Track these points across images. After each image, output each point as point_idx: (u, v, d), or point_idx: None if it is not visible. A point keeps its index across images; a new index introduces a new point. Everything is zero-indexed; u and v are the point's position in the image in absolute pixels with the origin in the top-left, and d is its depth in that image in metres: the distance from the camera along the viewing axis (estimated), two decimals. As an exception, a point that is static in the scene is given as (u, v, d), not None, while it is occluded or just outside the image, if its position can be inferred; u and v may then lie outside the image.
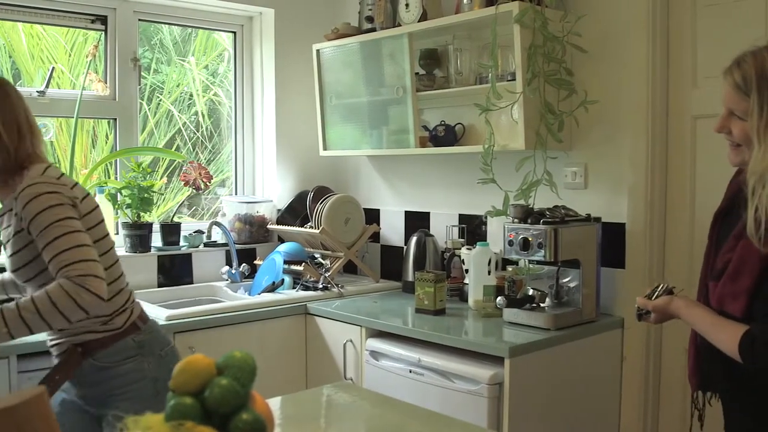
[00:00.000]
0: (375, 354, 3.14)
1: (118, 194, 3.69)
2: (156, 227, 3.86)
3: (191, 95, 4.39)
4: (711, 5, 2.94)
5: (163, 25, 4.22)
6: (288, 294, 3.64)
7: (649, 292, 2.07)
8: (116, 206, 3.68)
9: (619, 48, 3.13)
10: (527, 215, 2.97)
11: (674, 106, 3.07)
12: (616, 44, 3.14)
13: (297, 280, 3.78)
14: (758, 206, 1.72)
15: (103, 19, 3.81)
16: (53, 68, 3.72)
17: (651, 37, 3.04)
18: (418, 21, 3.57)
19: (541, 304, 3.02)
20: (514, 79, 3.15)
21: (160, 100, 4.30)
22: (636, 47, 3.07)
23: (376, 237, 4.21)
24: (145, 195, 3.70)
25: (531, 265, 3.10)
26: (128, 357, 2.22)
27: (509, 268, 3.25)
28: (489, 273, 3.25)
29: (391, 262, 4.15)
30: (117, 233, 3.81)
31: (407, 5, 3.63)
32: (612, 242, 3.13)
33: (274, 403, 2.04)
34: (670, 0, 3.05)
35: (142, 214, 3.73)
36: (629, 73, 3.10)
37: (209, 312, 3.28)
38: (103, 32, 3.83)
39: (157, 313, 3.17)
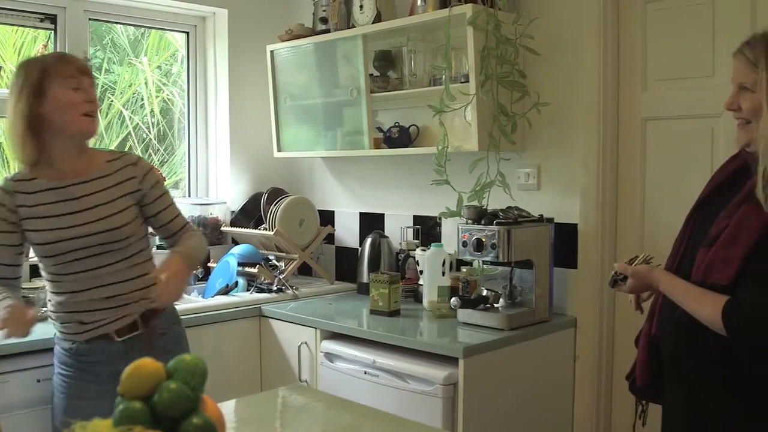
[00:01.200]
0: (330, 356, 3.13)
1: (69, 196, 3.62)
2: (107, 230, 3.79)
3: (144, 96, 4.33)
4: (660, 9, 2.99)
5: (115, 25, 4.17)
6: (242, 296, 3.61)
7: (628, 261, 2.08)
8: (66, 208, 3.62)
9: (571, 51, 3.17)
10: (481, 216, 2.98)
11: (625, 109, 3.11)
12: (568, 47, 3.17)
13: (251, 283, 3.76)
14: (767, 167, 1.76)
15: (52, 18, 3.75)
16: (1, 67, 3.65)
17: (602, 41, 3.08)
18: (372, 22, 3.57)
19: (495, 305, 3.04)
20: (467, 81, 3.17)
21: (112, 101, 4.24)
22: (587, 50, 3.11)
23: (330, 238, 4.20)
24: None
25: (485, 266, 3.12)
26: (174, 321, 2.58)
27: (463, 269, 3.27)
28: (443, 274, 3.27)
29: (345, 264, 4.15)
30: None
31: (361, 7, 3.63)
32: (564, 243, 3.17)
33: (229, 406, 2.03)
34: (620, 4, 3.10)
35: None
36: (581, 75, 3.13)
37: (162, 315, 3.24)
38: (53, 31, 3.77)
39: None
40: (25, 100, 2.26)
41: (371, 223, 4.02)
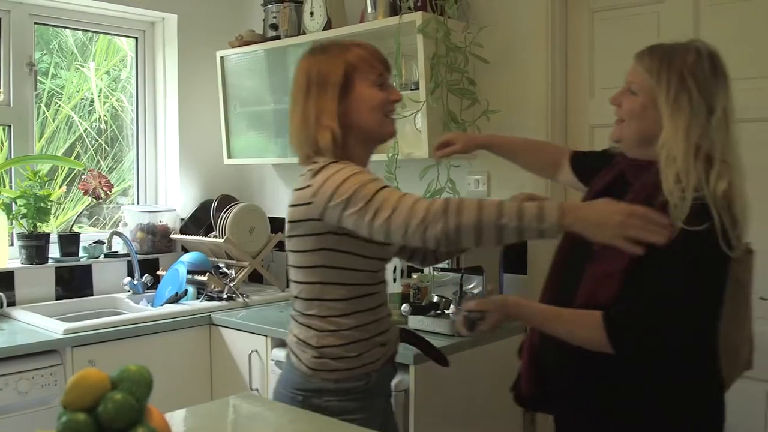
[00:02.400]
0: (281, 363, 3.10)
1: (13, 204, 3.57)
2: (54, 238, 3.74)
3: (92, 101, 4.28)
4: (606, 18, 3.05)
5: (62, 29, 4.10)
6: (192, 305, 3.58)
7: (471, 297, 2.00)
8: (11, 216, 3.56)
9: (519, 59, 3.20)
10: (431, 223, 2.99)
11: (572, 116, 3.16)
12: (516, 55, 3.21)
13: (201, 291, 3.72)
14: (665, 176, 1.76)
15: (-4, 22, 3.69)
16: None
17: (550, 49, 3.12)
18: (323, 29, 3.57)
19: (446, 311, 3.05)
20: (417, 89, 3.19)
21: (59, 106, 4.17)
22: (536, 58, 3.15)
23: (281, 246, 4.17)
24: (42, 204, 3.58)
25: (435, 273, 3.13)
26: None
27: (414, 276, 3.28)
28: (394, 281, 3.27)
29: (297, 271, 4.12)
30: (12, 244, 3.68)
31: (312, 13, 3.63)
32: (514, 249, 3.19)
33: (178, 416, 2.00)
34: (568, 13, 3.15)
35: (38, 224, 3.61)
36: (530, 83, 3.17)
37: (110, 324, 3.20)
38: (-3, 35, 3.71)
39: (55, 327, 3.08)
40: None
41: (322, 230, 4.00)
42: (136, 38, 4.26)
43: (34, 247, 3.60)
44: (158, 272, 3.97)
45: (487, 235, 1.73)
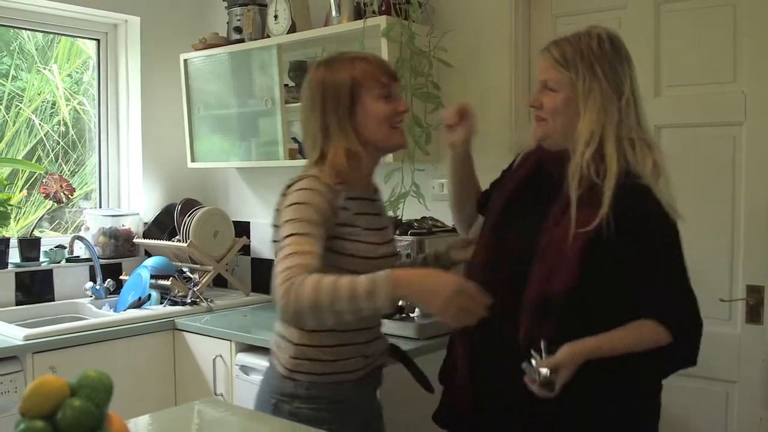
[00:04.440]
0: (245, 368, 3.10)
1: (-28, 208, 3.52)
2: (14, 242, 3.69)
3: (54, 104, 4.23)
4: (569, 24, 3.06)
5: (23, 31, 4.05)
6: (155, 309, 3.55)
7: (536, 355, 1.78)
8: (-30, 220, 3.51)
9: (483, 63, 3.22)
10: (396, 227, 3.00)
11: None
12: (480, 59, 3.23)
13: (164, 295, 3.69)
14: (582, 164, 1.82)
15: (-46, 23, 3.63)
16: None
17: (513, 53, 3.15)
18: (287, 33, 3.56)
19: (410, 315, 3.05)
20: (382, 92, 3.19)
21: (20, 109, 4.12)
22: (499, 62, 3.17)
23: (246, 250, 4.16)
24: (1, 209, 3.54)
25: (400, 276, 3.13)
26: None
27: (379, 279, 3.27)
28: (359, 284, 3.27)
29: (261, 275, 4.11)
30: (-29, 249, 3.62)
31: (276, 17, 3.62)
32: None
33: (142, 422, 1.99)
34: (531, 18, 3.18)
35: (-2, 228, 3.56)
36: (493, 87, 3.19)
37: (71, 330, 3.16)
38: (-45, 37, 3.66)
39: (14, 333, 3.04)
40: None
41: (287, 233, 3.99)
42: (99, 40, 4.22)
43: (-4, 251, 3.55)
44: (121, 277, 3.93)
45: (327, 317, 1.75)
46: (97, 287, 3.80)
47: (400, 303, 3.04)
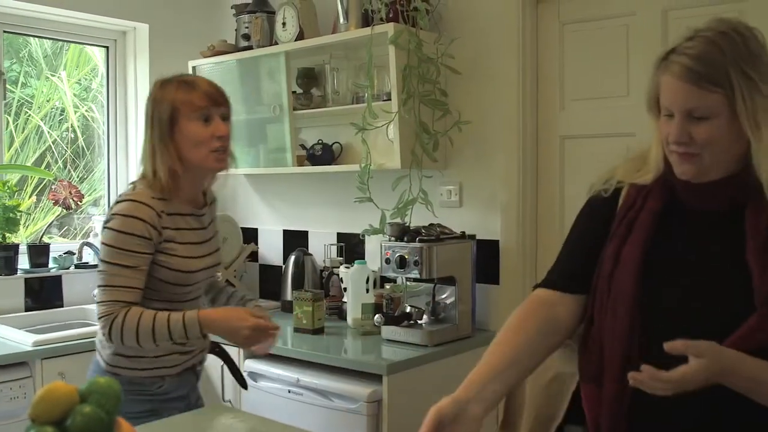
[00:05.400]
0: (253, 375, 3.10)
1: (-19, 214, 3.53)
2: (23, 248, 3.70)
3: (62, 110, 4.24)
4: (576, 30, 3.08)
5: (32, 38, 4.07)
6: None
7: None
8: (-21, 227, 3.52)
9: (490, 70, 3.22)
10: (403, 233, 3.00)
11: (543, 127, 3.18)
12: (487, 66, 3.23)
13: (173, 301, 3.69)
14: None
15: (-35, 31, 3.65)
16: None
17: (521, 61, 3.15)
18: (295, 40, 3.57)
19: (419, 321, 3.06)
20: (389, 99, 3.20)
21: (29, 115, 4.14)
22: (507, 70, 3.17)
23: (254, 256, 4.17)
24: (11, 215, 3.55)
25: (408, 283, 3.14)
26: None
27: (387, 286, 3.28)
28: (367, 291, 3.27)
29: (269, 282, 4.12)
30: (-20, 255, 3.64)
31: (284, 24, 3.63)
32: (486, 259, 3.21)
33: (150, 429, 1.99)
34: (538, 25, 3.18)
35: (7, 234, 3.57)
36: (501, 94, 3.19)
37: (80, 336, 3.16)
38: (-35, 45, 3.67)
39: (23, 339, 3.05)
40: None
41: (295, 240, 4.01)
42: (107, 47, 4.24)
43: (3, 258, 3.56)
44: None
45: (146, 346, 2.09)
46: (106, 293, 3.80)
47: (408, 310, 3.05)
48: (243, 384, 2.61)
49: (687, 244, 1.55)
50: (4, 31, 3.79)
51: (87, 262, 3.91)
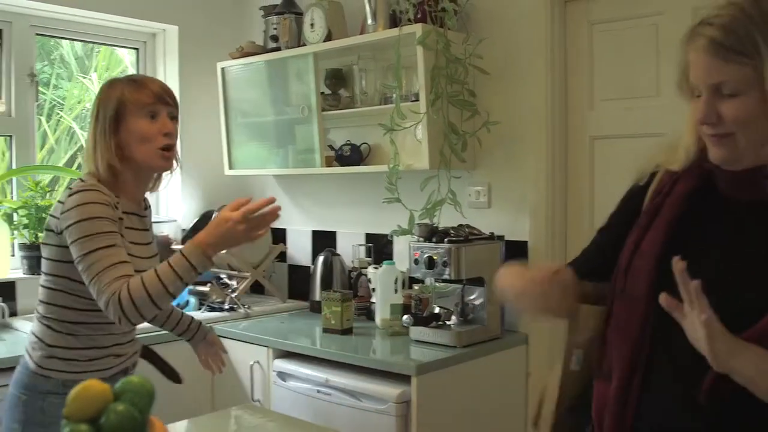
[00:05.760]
0: (282, 375, 3.12)
1: (14, 214, 3.57)
2: (55, 249, 3.73)
3: (93, 113, 4.28)
4: (605, 30, 3.06)
5: (63, 40, 4.11)
6: (193, 315, 3.56)
7: None
8: (12, 227, 3.56)
9: (519, 70, 3.21)
10: (432, 234, 3.00)
11: (573, 128, 3.16)
12: (516, 66, 3.22)
13: (202, 302, 3.72)
14: None
15: (-2, 33, 3.70)
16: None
17: (549, 61, 3.13)
18: (323, 41, 3.58)
19: (447, 322, 3.05)
20: (417, 100, 3.20)
21: (61, 117, 4.18)
22: (536, 70, 3.15)
23: (282, 257, 4.18)
24: (44, 215, 3.59)
25: (437, 284, 3.13)
26: None
27: (415, 287, 3.28)
28: (396, 291, 3.27)
29: (298, 282, 4.13)
30: (13, 255, 3.68)
31: (312, 25, 3.64)
32: (515, 260, 3.19)
33: (180, 427, 2.01)
34: (567, 24, 3.16)
35: (40, 234, 3.61)
36: (530, 94, 3.18)
37: (111, 335, 3.19)
38: (-1, 46, 3.72)
39: (56, 338, 3.07)
40: None
41: (323, 241, 4.02)
42: (137, 49, 4.28)
43: (36, 257, 3.59)
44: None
45: (162, 303, 1.98)
46: (136, 293, 3.83)
47: (436, 311, 3.05)
48: (175, 378, 2.60)
49: (714, 235, 1.47)
50: (37, 34, 3.84)
51: (118, 262, 3.93)
